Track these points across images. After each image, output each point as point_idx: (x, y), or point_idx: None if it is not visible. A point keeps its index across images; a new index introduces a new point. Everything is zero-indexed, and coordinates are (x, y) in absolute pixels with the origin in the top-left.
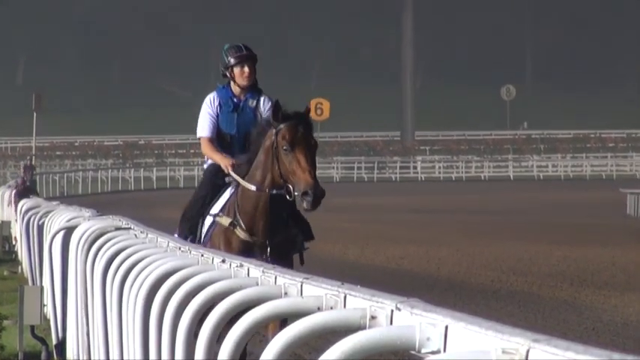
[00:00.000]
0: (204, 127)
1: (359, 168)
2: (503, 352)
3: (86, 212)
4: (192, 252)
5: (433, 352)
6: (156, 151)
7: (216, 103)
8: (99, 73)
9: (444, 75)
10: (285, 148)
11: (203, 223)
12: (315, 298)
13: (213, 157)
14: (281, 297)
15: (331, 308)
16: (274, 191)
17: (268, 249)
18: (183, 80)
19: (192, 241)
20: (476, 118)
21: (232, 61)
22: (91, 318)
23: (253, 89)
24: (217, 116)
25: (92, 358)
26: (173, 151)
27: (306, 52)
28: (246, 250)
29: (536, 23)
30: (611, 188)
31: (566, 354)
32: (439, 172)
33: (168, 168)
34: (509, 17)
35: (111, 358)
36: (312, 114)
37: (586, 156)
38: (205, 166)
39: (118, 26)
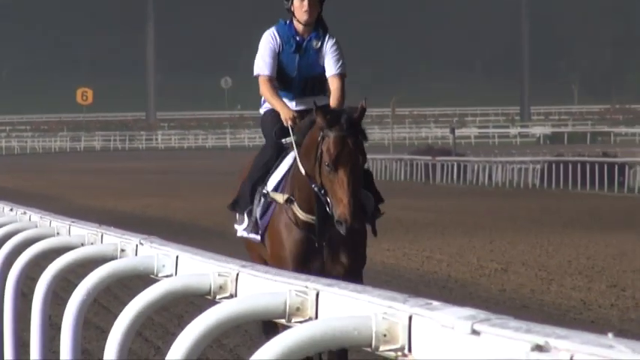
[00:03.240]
0: (264, 64)
1: (114, 140)
2: (219, 275)
3: None
4: None
5: (167, 276)
6: None
7: (278, 40)
8: None
9: (179, 69)
10: (327, 163)
11: (262, 193)
12: (79, 236)
13: (272, 102)
14: (54, 236)
15: (92, 244)
16: (323, 191)
17: (325, 237)
18: None
19: (251, 211)
20: (205, 101)
21: None
22: None
23: (318, 27)
24: (278, 54)
25: None
26: None
27: (81, 52)
28: (309, 232)
29: (251, 21)
30: None
31: (266, 275)
32: (174, 143)
33: None
34: (231, 20)
35: None
36: (79, 99)
37: None
38: (262, 110)
39: None
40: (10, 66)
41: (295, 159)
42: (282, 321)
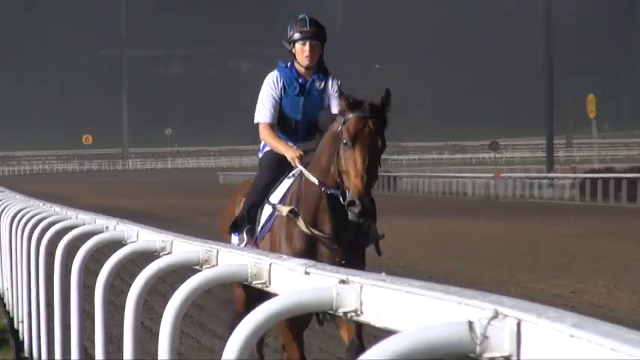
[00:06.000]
0: (265, 112)
1: (104, 165)
2: (162, 241)
3: None
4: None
5: (132, 242)
6: None
7: (280, 85)
8: None
9: (141, 122)
10: (345, 142)
11: (262, 210)
12: (83, 219)
13: (276, 146)
14: (69, 219)
15: (90, 223)
16: (331, 190)
17: (339, 252)
18: None
19: (251, 229)
20: (156, 142)
21: (296, 36)
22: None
23: (320, 70)
24: (281, 99)
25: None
26: None
27: (84, 111)
28: (310, 245)
29: (183, 92)
30: (209, 173)
31: (189, 240)
32: (139, 167)
33: None
34: (170, 91)
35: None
36: (84, 141)
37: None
38: (260, 154)
39: None
40: (39, 121)
41: (301, 174)
42: (198, 267)
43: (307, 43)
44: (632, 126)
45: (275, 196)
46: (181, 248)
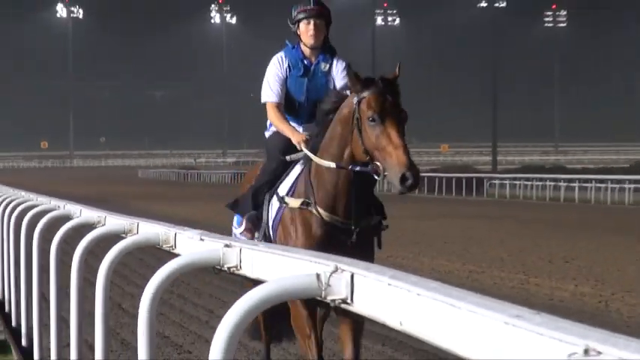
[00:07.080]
0: (271, 92)
1: (56, 163)
2: (129, 224)
3: None
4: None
5: (77, 217)
6: None
7: (286, 65)
8: None
9: (83, 133)
10: (371, 118)
11: (270, 200)
12: (41, 200)
13: (281, 128)
14: (30, 200)
15: (46, 204)
16: (358, 168)
17: (354, 235)
18: None
19: (255, 217)
20: (92, 147)
21: (299, 15)
22: None
23: (325, 50)
24: (286, 79)
25: None
26: None
27: (42, 122)
28: (329, 232)
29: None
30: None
31: (152, 224)
32: (81, 164)
33: None
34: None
35: None
36: (42, 146)
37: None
38: (267, 133)
39: None
40: (9, 130)
41: (310, 163)
42: (124, 235)
43: (311, 22)
44: (435, 139)
45: (283, 187)
46: (112, 221)
